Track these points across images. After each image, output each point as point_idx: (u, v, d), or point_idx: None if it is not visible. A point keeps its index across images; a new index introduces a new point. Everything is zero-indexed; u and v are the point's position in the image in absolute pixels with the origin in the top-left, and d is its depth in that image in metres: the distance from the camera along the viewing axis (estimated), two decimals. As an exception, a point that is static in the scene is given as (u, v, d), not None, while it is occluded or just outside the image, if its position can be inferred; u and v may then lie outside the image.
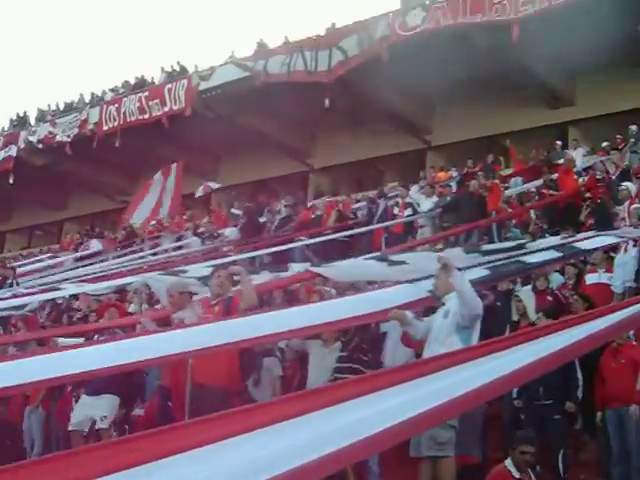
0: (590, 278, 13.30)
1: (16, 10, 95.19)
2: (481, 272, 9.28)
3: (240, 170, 34.38)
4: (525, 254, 10.49)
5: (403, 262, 10.31)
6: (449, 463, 7.34)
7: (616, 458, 9.97)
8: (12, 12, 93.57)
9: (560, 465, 10.03)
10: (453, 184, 22.61)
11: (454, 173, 25.25)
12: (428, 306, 8.76)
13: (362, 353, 10.24)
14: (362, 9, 66.92)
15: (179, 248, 24.71)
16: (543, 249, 10.78)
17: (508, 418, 10.94)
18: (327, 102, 27.82)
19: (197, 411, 8.07)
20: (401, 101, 30.72)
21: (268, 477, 3.34)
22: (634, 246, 12.91)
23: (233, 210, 27.41)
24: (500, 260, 10.09)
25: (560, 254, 10.74)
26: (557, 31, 24.60)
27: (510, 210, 19.05)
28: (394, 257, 10.89)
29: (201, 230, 25.67)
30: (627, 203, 14.40)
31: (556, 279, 13.84)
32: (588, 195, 16.99)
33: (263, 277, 12.01)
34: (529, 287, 13.01)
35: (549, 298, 12.66)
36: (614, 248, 13.10)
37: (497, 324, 11.29)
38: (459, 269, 8.19)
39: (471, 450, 8.72)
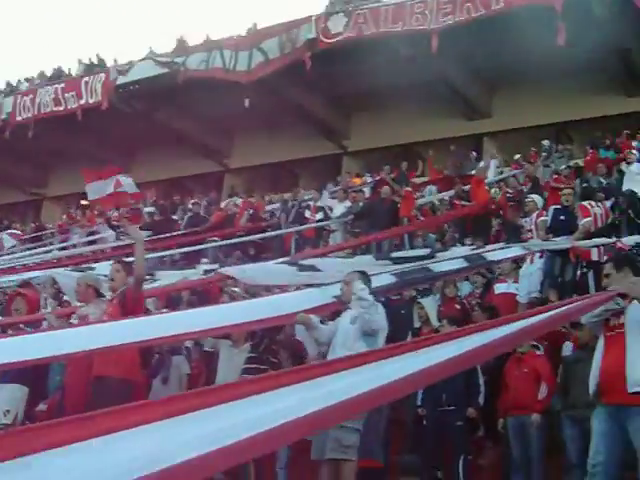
0: (499, 288, 13.52)
1: None
2: (388, 279, 9.38)
3: (155, 167, 34.09)
4: (433, 262, 10.64)
5: (313, 267, 10.37)
6: (351, 466, 7.37)
7: (516, 465, 10.14)
8: None
9: (460, 471, 10.18)
10: (366, 190, 22.72)
11: (368, 179, 25.38)
12: (334, 311, 8.79)
13: (271, 355, 10.28)
14: (284, 11, 66.75)
15: (93, 242, 24.38)
16: (452, 258, 10.95)
17: (412, 423, 11.05)
18: (247, 102, 27.69)
19: (97, 404, 7.98)
20: (320, 105, 30.83)
21: (167, 466, 3.32)
22: (540, 257, 13.16)
23: (146, 208, 27.12)
24: (409, 267, 10.20)
25: (468, 264, 10.90)
26: (477, 43, 24.93)
27: (422, 218, 19.22)
28: (305, 262, 10.95)
29: (116, 224, 25.26)
30: (534, 215, 14.61)
31: (465, 287, 14.07)
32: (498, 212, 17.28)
33: (172, 275, 11.98)
34: (432, 295, 13.20)
35: (457, 306, 12.84)
36: (522, 259, 13.32)
37: (400, 331, 11.42)
38: (368, 275, 8.24)
39: (374, 454, 8.77)
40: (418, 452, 10.88)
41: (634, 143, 22.16)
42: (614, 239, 11.81)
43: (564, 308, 6.28)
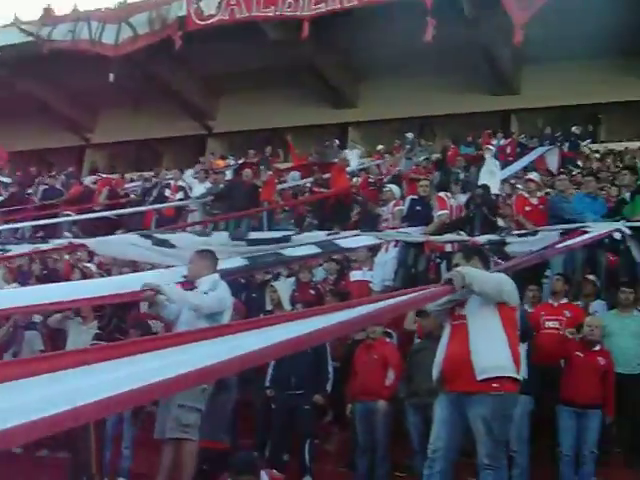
0: (354, 275, 13.63)
1: None
2: (239, 262, 9.38)
3: (16, 138, 33.11)
4: (286, 247, 10.67)
5: (167, 241, 10.28)
6: (191, 446, 7.32)
7: (361, 449, 10.23)
8: None
9: (306, 455, 10.22)
10: (229, 172, 22.62)
11: (232, 162, 25.32)
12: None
13: (120, 333, 10.18)
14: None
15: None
16: (305, 244, 10.99)
17: (260, 405, 11.04)
18: (112, 77, 27.20)
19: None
20: (188, 85, 30.66)
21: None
22: (395, 247, 13.31)
23: (1, 178, 26.32)
24: (261, 251, 10.23)
25: (319, 250, 10.99)
26: (347, 33, 25.15)
27: (282, 202, 19.33)
28: (159, 235, 10.84)
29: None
30: (391, 205, 14.80)
31: (320, 273, 14.16)
32: (358, 197, 17.44)
33: (23, 249, 11.75)
34: (288, 279, 13.24)
35: (311, 292, 12.90)
36: (378, 247, 13.47)
37: (251, 313, 11.42)
38: (215, 255, 8.15)
39: (220, 436, 8.73)
40: (264, 433, 10.87)
41: (494, 141, 22.79)
42: (467, 237, 12.04)
43: (411, 295, 6.36)
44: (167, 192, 20.00)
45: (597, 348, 9.55)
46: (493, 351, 6.32)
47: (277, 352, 5.03)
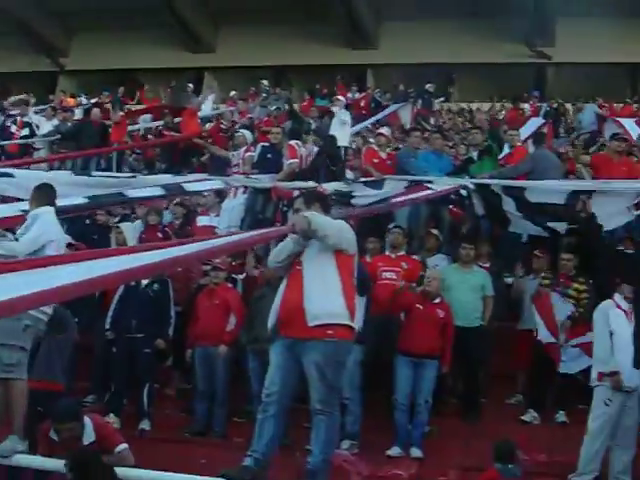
0: (201, 220, 13.55)
1: None
2: (80, 200, 9.23)
3: None
4: (130, 188, 10.54)
5: (9, 174, 10.03)
6: (21, 385, 7.16)
7: (200, 394, 10.28)
8: None
9: (145, 399, 10.19)
10: (78, 111, 22.09)
11: (84, 100, 24.76)
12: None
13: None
14: None
15: None
16: (150, 186, 10.89)
17: (100, 348, 10.90)
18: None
19: None
20: (38, 20, 29.77)
21: None
22: (243, 193, 13.30)
23: None
24: (104, 190, 10.09)
25: (164, 192, 10.91)
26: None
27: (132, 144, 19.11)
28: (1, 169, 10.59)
29: None
30: (242, 150, 14.76)
31: (167, 217, 14.01)
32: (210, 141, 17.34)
33: None
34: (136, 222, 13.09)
35: (159, 234, 12.76)
36: (226, 193, 13.45)
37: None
38: (50, 193, 7.97)
39: (56, 377, 8.57)
40: (103, 377, 10.76)
41: (349, 94, 23.01)
42: (315, 184, 12.12)
43: (251, 233, 6.40)
44: (13, 128, 19.35)
45: (437, 301, 9.81)
46: (326, 298, 6.37)
47: (108, 282, 5.00)
